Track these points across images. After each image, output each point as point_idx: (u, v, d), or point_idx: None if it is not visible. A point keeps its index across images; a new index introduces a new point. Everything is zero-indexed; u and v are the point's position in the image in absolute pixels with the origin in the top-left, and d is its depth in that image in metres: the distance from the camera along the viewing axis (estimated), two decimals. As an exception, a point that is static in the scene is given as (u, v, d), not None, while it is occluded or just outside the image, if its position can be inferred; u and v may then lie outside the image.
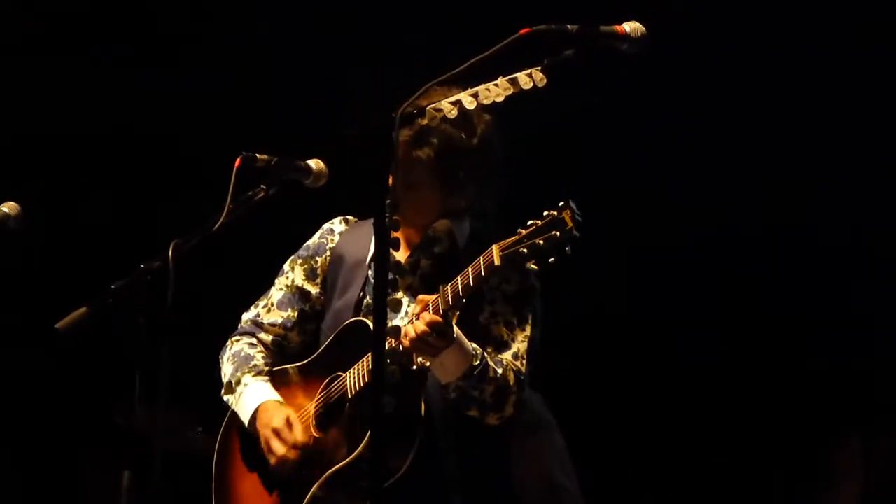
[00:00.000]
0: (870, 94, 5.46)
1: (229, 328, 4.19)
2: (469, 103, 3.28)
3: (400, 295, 3.91)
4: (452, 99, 3.27)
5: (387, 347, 3.58)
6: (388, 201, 3.06)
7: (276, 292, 4.12)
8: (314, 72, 4.09)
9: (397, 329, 3.56)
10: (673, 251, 5.72)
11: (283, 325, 4.10)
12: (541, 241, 3.41)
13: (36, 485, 5.98)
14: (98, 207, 6.01)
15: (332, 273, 4.06)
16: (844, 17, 5.32)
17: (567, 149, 5.44)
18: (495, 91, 3.28)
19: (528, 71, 3.26)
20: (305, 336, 4.11)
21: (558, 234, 3.38)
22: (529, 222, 3.46)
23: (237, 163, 3.43)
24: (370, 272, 3.95)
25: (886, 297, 5.56)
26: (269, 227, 4.32)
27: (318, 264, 4.09)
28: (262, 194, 3.51)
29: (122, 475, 3.28)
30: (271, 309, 4.12)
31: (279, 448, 3.85)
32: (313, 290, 4.10)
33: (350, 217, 4.15)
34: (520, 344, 3.78)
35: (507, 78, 3.28)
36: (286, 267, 4.15)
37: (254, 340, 4.11)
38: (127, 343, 3.24)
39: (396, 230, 3.22)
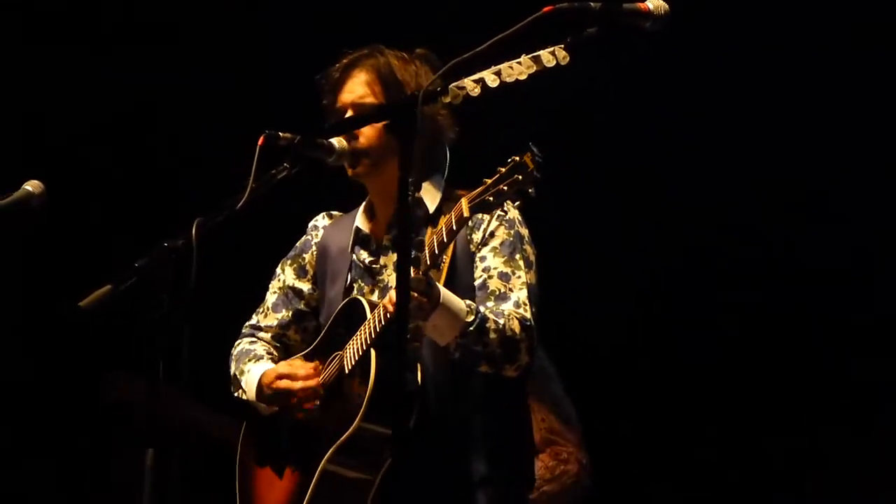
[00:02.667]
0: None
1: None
2: (492, 81, 3.29)
3: (389, 272, 3.95)
4: (475, 77, 3.29)
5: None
6: (409, 179, 3.06)
7: (270, 296, 4.19)
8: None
9: (416, 258, 3.54)
10: (676, 245, 5.72)
11: (279, 326, 4.16)
12: (505, 187, 3.44)
13: (63, 468, 5.97)
14: (121, 185, 6.01)
15: (320, 267, 4.12)
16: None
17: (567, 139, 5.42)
18: (518, 69, 3.30)
19: (552, 49, 3.29)
20: (305, 333, 4.15)
21: (521, 177, 3.42)
22: (496, 171, 3.50)
23: (260, 141, 3.44)
24: (354, 256, 4.01)
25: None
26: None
27: (306, 261, 4.16)
28: (285, 173, 3.52)
29: (145, 453, 3.25)
30: (268, 313, 4.18)
31: (290, 383, 3.88)
32: (305, 286, 4.15)
33: (335, 212, 4.20)
34: (518, 292, 3.79)
35: (530, 56, 3.30)
36: (277, 270, 4.21)
37: (253, 338, 4.18)
38: (150, 321, 3.24)
39: (417, 207, 3.23)
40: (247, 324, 4.20)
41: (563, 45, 3.27)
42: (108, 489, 5.77)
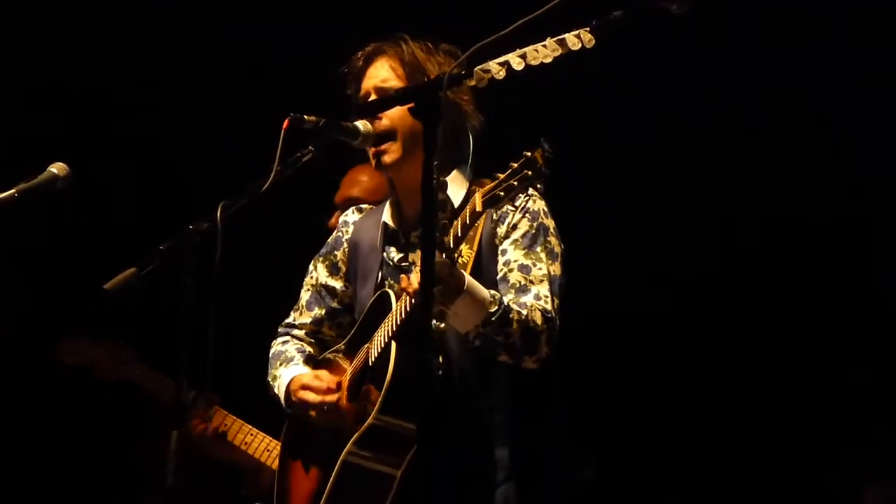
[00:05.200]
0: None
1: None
2: (517, 64, 3.29)
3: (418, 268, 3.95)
4: (500, 60, 3.28)
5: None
6: (434, 163, 3.05)
7: (304, 294, 4.22)
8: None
9: (442, 243, 3.55)
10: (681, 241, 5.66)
11: (314, 323, 4.20)
12: (515, 182, 3.47)
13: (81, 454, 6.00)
14: (148, 167, 6.02)
15: (351, 263, 4.13)
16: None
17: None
18: (543, 52, 3.29)
19: (577, 32, 3.27)
20: (340, 329, 4.18)
21: (530, 172, 3.45)
22: (508, 166, 3.52)
23: (285, 124, 3.43)
24: (384, 254, 4.01)
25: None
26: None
27: (338, 258, 4.17)
28: (309, 156, 3.52)
29: (169, 435, 3.27)
30: (302, 311, 4.21)
31: (313, 397, 3.90)
32: (338, 284, 4.17)
33: (364, 206, 4.21)
34: (539, 284, 3.79)
35: (555, 39, 3.29)
36: (310, 266, 4.23)
37: (287, 338, 4.21)
38: (174, 304, 3.25)
39: (444, 191, 3.22)
40: (283, 322, 4.24)
41: (588, 28, 3.26)
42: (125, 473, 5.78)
